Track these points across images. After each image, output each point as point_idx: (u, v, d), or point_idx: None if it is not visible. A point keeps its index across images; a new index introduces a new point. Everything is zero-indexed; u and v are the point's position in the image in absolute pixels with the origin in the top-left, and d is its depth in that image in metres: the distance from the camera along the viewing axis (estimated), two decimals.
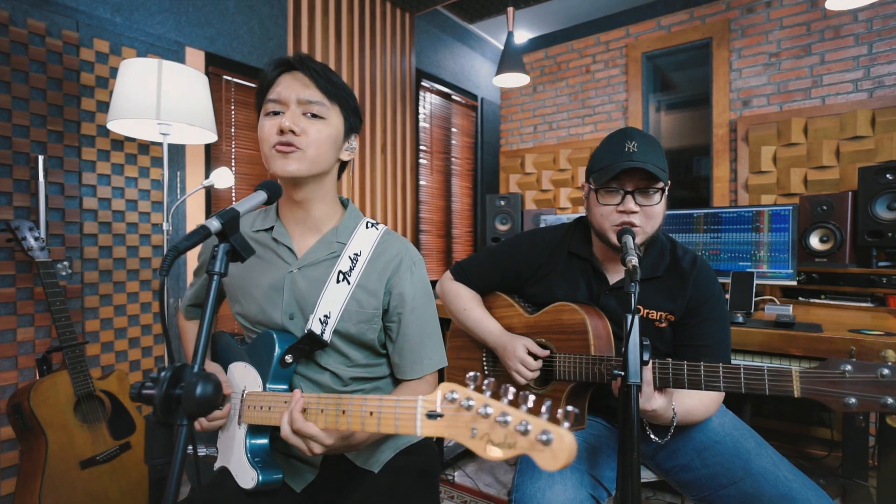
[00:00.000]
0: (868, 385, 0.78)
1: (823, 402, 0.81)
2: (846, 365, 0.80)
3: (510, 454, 0.51)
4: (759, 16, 2.96)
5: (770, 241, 2.06)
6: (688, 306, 1.13)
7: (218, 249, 0.66)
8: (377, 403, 0.67)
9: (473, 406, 0.55)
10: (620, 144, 1.10)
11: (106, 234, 2.17)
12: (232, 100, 2.64)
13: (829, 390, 0.81)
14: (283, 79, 0.93)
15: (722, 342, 1.12)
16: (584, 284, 1.22)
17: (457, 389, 0.58)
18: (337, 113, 0.96)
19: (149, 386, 0.58)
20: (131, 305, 2.26)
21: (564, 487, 1.00)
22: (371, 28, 3.32)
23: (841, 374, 0.80)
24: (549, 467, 0.47)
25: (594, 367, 1.09)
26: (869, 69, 2.65)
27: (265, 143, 0.92)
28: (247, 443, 0.91)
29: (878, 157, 2.52)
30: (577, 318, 1.15)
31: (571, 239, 1.27)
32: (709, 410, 1.09)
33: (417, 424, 0.60)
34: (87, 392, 1.62)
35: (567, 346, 1.17)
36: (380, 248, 1.01)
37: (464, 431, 0.55)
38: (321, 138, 0.93)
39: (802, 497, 0.96)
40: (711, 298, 1.13)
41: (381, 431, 0.66)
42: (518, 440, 0.50)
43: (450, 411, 0.57)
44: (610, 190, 1.11)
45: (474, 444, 0.54)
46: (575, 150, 3.71)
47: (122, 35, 2.21)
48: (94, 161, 2.13)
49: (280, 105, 0.92)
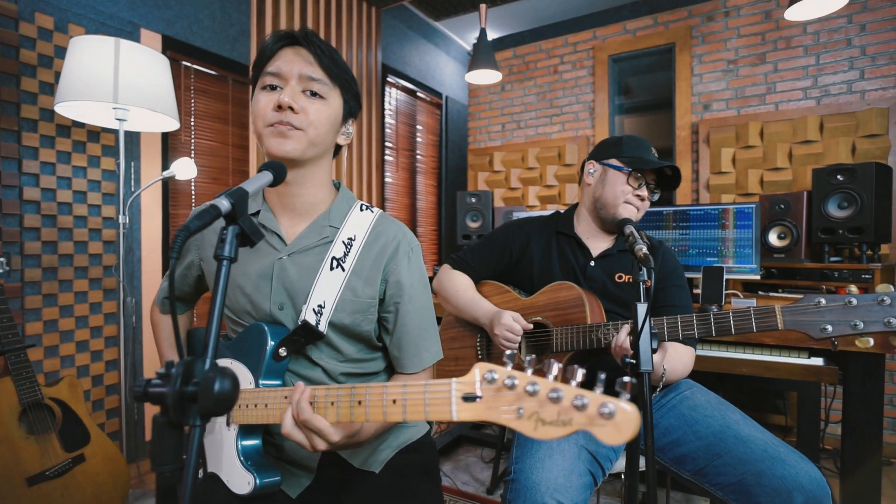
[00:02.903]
0: (839, 312, 0.90)
1: (804, 332, 0.92)
2: (820, 298, 0.91)
3: (565, 431, 0.49)
4: (718, 24, 3.09)
5: (735, 237, 2.15)
6: (659, 275, 1.34)
7: (227, 232, 0.60)
8: (401, 390, 0.62)
9: (517, 384, 0.52)
10: (647, 149, 1.35)
11: (50, 227, 1.98)
12: (192, 87, 2.48)
13: (808, 320, 0.92)
14: (284, 52, 0.87)
15: (689, 305, 1.32)
16: (571, 257, 1.39)
17: (495, 369, 0.54)
18: (337, 95, 0.91)
19: (157, 384, 0.51)
20: (79, 306, 2.07)
21: (563, 458, 1.02)
22: (337, 19, 3.24)
23: (816, 305, 0.91)
24: (613, 441, 0.46)
25: (591, 334, 1.18)
26: (816, 78, 2.82)
27: (259, 119, 0.85)
28: (238, 445, 0.84)
29: (826, 160, 2.68)
30: (573, 293, 1.27)
31: (557, 222, 1.46)
32: (686, 368, 1.24)
33: (453, 409, 0.56)
34: (34, 400, 1.46)
35: (563, 319, 1.27)
36: (375, 231, 0.95)
37: (507, 412, 0.52)
38: (321, 118, 0.87)
39: (789, 459, 1.02)
40: (677, 269, 1.36)
41: (408, 419, 0.61)
42: (574, 416, 0.48)
43: (489, 392, 0.54)
44: (637, 177, 1.32)
45: (521, 424, 0.51)
46: (543, 148, 3.75)
47: (69, 11, 2.02)
48: (36, 147, 1.94)
49: (279, 79, 0.86)
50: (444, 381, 0.58)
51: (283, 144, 0.84)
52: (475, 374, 0.55)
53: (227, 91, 2.64)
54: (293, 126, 0.84)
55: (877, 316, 0.88)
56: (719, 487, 1.09)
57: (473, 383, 0.55)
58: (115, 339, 2.20)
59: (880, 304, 0.88)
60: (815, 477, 0.98)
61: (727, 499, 1.09)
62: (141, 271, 2.28)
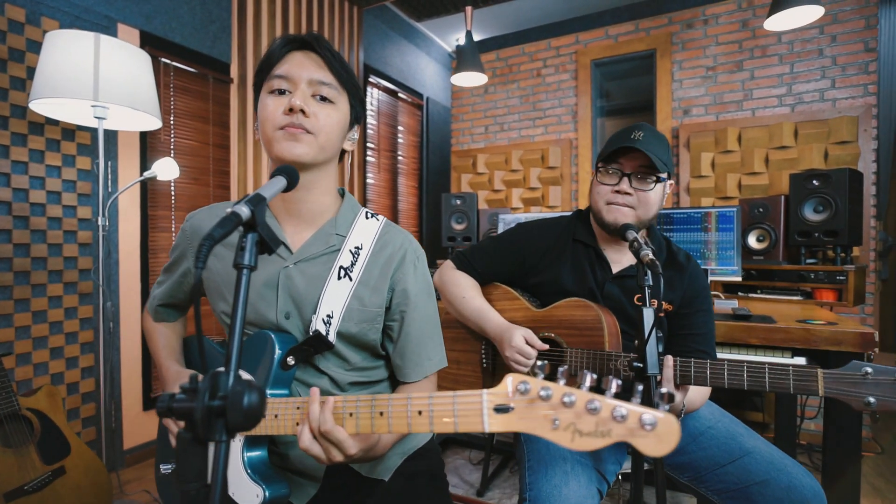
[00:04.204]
0: (887, 387, 0.85)
1: (845, 402, 0.88)
2: (867, 368, 0.86)
3: (604, 443, 0.49)
4: (697, 31, 3.18)
5: (717, 240, 2.21)
6: (684, 297, 1.19)
7: (246, 240, 0.58)
8: (426, 401, 0.62)
9: (552, 395, 0.52)
10: (629, 132, 1.16)
11: (22, 229, 1.89)
12: (171, 85, 2.41)
13: (851, 391, 0.87)
14: (293, 56, 0.85)
15: (711, 331, 1.20)
16: (589, 271, 1.24)
17: (528, 380, 0.54)
18: (345, 99, 0.89)
19: (181, 398, 0.49)
20: (53, 311, 1.99)
21: (579, 484, 0.99)
22: (319, 17, 3.20)
23: (863, 377, 0.87)
24: (654, 452, 0.46)
25: (609, 363, 1.10)
26: (791, 86, 2.93)
27: (268, 123, 0.83)
28: (244, 457, 0.81)
29: (800, 165, 2.79)
30: (591, 314, 1.16)
31: (575, 227, 1.30)
32: (704, 400, 1.16)
33: (485, 420, 0.56)
34: (11, 411, 1.39)
35: (578, 341, 1.17)
36: (382, 240, 0.95)
37: (542, 423, 0.52)
38: (331, 123, 0.86)
39: (795, 472, 1.03)
40: (703, 291, 1.20)
41: (435, 430, 0.61)
42: (613, 427, 0.49)
43: (522, 403, 0.54)
44: (610, 171, 1.17)
45: (557, 435, 0.51)
46: (526, 151, 3.78)
47: (42, 3, 1.93)
48: (7, 146, 1.85)
49: (288, 83, 0.84)
50: (474, 392, 0.57)
51: (295, 148, 0.82)
52: (507, 385, 0.55)
53: (208, 89, 2.57)
54: (305, 129, 0.83)
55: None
56: (716, 493, 1.10)
57: (506, 394, 0.55)
58: (91, 346, 2.12)
59: None
60: (819, 493, 1.00)
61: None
62: (118, 274, 2.20)
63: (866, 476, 2.31)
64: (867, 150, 2.68)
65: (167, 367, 0.96)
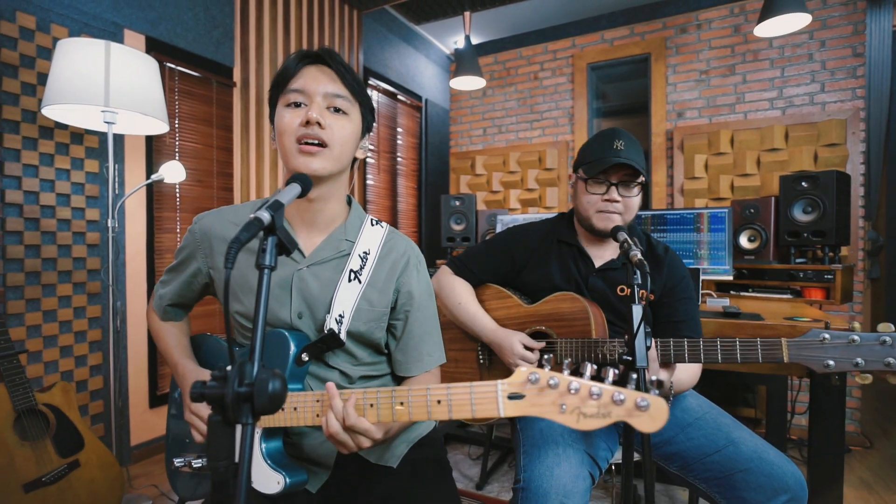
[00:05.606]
0: (842, 349, 0.95)
1: (807, 365, 0.97)
2: (825, 334, 0.96)
3: (605, 423, 0.58)
4: (691, 36, 3.24)
5: (709, 240, 2.27)
6: (664, 287, 1.29)
7: (267, 243, 0.64)
8: (444, 392, 0.70)
9: (559, 384, 0.61)
10: (610, 142, 1.25)
11: (33, 231, 1.95)
12: (176, 89, 2.46)
13: (812, 355, 0.97)
14: (307, 70, 0.91)
15: (694, 318, 1.29)
16: (574, 267, 1.35)
17: (537, 372, 0.63)
18: (358, 111, 0.96)
19: (213, 385, 0.55)
20: (63, 311, 2.04)
21: (570, 465, 1.06)
22: (319, 22, 3.26)
23: (821, 341, 0.96)
24: (648, 428, 0.55)
25: (597, 349, 1.20)
26: (782, 90, 2.99)
27: (286, 135, 0.89)
28: (262, 447, 0.87)
29: (791, 167, 2.85)
30: (578, 305, 1.26)
31: (559, 229, 1.41)
32: (692, 382, 1.24)
33: (500, 406, 0.65)
34: (28, 406, 1.44)
35: (567, 331, 1.27)
36: (387, 246, 1.02)
37: (551, 408, 0.61)
38: (346, 135, 0.92)
39: (778, 461, 1.10)
40: (683, 280, 1.30)
41: (453, 417, 0.69)
42: (613, 409, 0.57)
43: (533, 391, 0.63)
44: (598, 181, 1.27)
45: (564, 417, 0.60)
46: (524, 153, 3.84)
47: (51, 11, 1.99)
48: (18, 150, 1.90)
49: (304, 96, 0.89)
50: (489, 382, 0.66)
51: (311, 163, 0.88)
52: (520, 376, 0.64)
53: (212, 93, 2.63)
54: (321, 140, 0.88)
55: (877, 355, 0.92)
56: (703, 481, 1.17)
57: (519, 384, 0.64)
58: (100, 344, 2.17)
59: (882, 344, 0.92)
60: (800, 479, 1.07)
61: (710, 492, 1.16)
62: (125, 275, 2.25)
63: (855, 470, 2.38)
64: (855, 153, 2.75)
65: (183, 365, 1.01)
